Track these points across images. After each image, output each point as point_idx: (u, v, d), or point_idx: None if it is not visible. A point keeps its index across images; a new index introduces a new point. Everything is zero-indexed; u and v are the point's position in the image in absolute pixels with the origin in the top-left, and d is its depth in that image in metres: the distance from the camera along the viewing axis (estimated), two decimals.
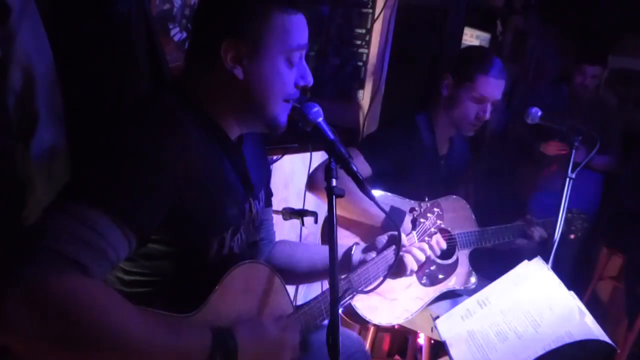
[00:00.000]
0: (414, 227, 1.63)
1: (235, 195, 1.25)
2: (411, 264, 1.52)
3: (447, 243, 2.04)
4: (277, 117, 1.22)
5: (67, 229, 0.92)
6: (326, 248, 1.52)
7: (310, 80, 1.23)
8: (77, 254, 0.91)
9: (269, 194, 1.52)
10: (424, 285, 1.98)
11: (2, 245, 1.16)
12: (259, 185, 1.38)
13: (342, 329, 1.08)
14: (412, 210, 1.64)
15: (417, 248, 1.55)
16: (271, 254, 1.54)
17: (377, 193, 1.98)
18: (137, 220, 1.01)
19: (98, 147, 1.05)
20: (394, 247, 1.52)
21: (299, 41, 1.19)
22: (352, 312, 1.85)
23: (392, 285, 1.82)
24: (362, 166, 1.94)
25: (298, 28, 1.18)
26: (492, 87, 2.01)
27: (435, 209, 1.66)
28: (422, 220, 1.64)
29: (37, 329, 0.85)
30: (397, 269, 1.52)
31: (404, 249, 1.54)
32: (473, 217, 2.17)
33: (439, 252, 1.69)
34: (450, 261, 2.04)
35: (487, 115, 2.06)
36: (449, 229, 2.03)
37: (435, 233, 1.67)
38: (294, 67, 1.20)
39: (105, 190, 0.98)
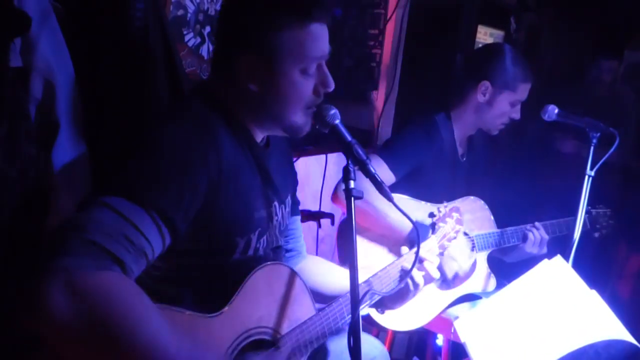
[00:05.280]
0: (433, 232, 1.62)
1: (261, 198, 1.26)
2: (420, 279, 1.46)
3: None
4: (295, 124, 1.22)
5: (110, 225, 0.94)
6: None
7: (331, 86, 1.22)
8: (118, 251, 0.93)
9: (296, 202, 1.52)
10: (442, 288, 1.97)
11: (27, 250, 1.19)
12: (285, 190, 1.39)
13: (364, 335, 1.08)
14: (431, 214, 1.63)
15: (417, 270, 1.46)
16: (302, 269, 1.52)
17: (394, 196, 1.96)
18: (175, 219, 1.03)
19: (135, 145, 1.08)
20: (413, 251, 1.50)
21: (316, 52, 1.17)
22: (369, 320, 1.84)
23: None
24: (387, 175, 1.92)
25: (314, 39, 1.17)
26: (528, 90, 2.08)
27: (455, 214, 1.65)
28: (441, 224, 1.62)
29: (72, 319, 0.86)
30: (400, 297, 1.47)
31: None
32: (492, 217, 2.14)
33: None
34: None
35: (519, 116, 2.11)
36: (467, 230, 2.01)
37: (455, 238, 1.65)
38: (311, 76, 1.19)
39: (146, 189, 1.00)
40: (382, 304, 1.50)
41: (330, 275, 1.51)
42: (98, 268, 0.89)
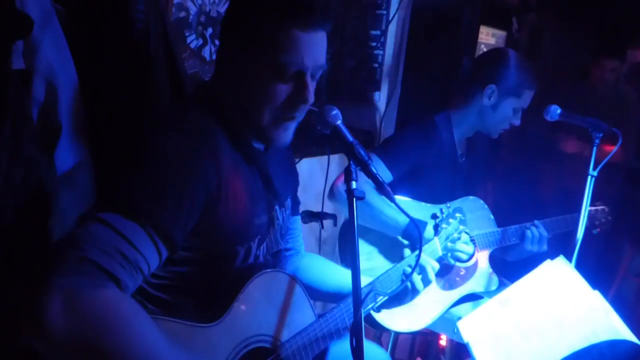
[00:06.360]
0: (436, 233, 1.62)
1: (262, 203, 1.26)
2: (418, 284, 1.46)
3: None
4: (266, 130, 1.19)
5: (106, 241, 0.94)
6: None
7: (306, 99, 1.16)
8: (114, 268, 0.93)
9: (296, 202, 1.52)
10: (444, 289, 1.97)
11: (29, 252, 1.19)
12: (285, 193, 1.39)
13: (366, 341, 1.07)
14: (434, 216, 1.63)
15: (417, 274, 1.46)
16: (300, 267, 1.53)
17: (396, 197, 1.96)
18: (171, 234, 1.03)
19: (131, 158, 1.07)
20: (415, 254, 1.50)
21: (292, 57, 1.12)
22: (371, 321, 1.84)
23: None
24: (384, 174, 1.92)
25: (293, 44, 1.12)
26: (531, 98, 2.08)
27: (458, 214, 1.65)
28: (444, 225, 1.62)
29: (70, 337, 0.87)
30: (397, 300, 1.48)
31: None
32: (491, 217, 2.14)
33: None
34: (469, 264, 2.02)
35: (520, 122, 2.11)
36: (467, 230, 2.01)
37: (459, 239, 1.65)
38: (286, 82, 1.15)
39: (142, 205, 1.00)
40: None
41: (327, 273, 1.51)
42: (94, 286, 0.90)
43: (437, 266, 1.51)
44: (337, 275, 1.48)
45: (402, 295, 1.47)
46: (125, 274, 0.95)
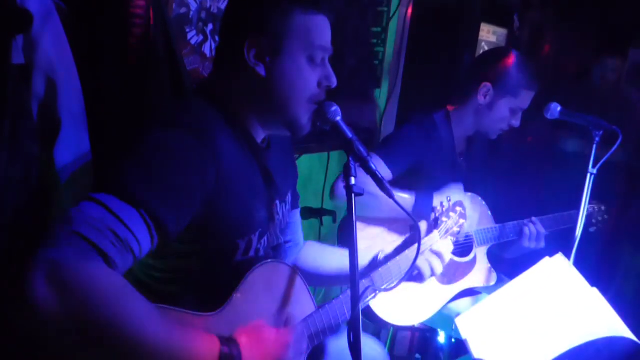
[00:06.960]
0: (435, 226, 1.62)
1: (262, 198, 1.27)
2: (426, 270, 1.48)
3: (464, 241, 2.03)
4: (298, 118, 1.22)
5: (97, 218, 0.94)
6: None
7: (334, 82, 1.23)
8: (103, 243, 0.93)
9: (296, 196, 1.53)
10: (443, 284, 1.97)
11: (29, 250, 1.20)
12: (286, 188, 1.39)
13: (364, 336, 1.07)
14: (434, 209, 1.63)
15: (433, 254, 1.48)
16: (299, 257, 1.54)
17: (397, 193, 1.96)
18: (165, 220, 1.03)
19: (132, 145, 1.08)
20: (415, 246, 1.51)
21: (321, 41, 1.20)
22: (370, 315, 1.84)
23: (410, 285, 1.80)
24: (384, 172, 1.92)
25: (319, 29, 1.20)
26: (530, 99, 2.06)
27: (458, 208, 1.65)
28: (444, 219, 1.62)
29: (57, 310, 0.86)
30: (414, 276, 1.48)
31: (421, 254, 1.49)
32: (489, 213, 2.15)
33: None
34: (468, 259, 2.03)
35: (519, 124, 2.09)
36: (467, 224, 2.01)
37: (459, 232, 1.65)
38: (317, 66, 1.21)
39: (138, 189, 1.00)
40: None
41: (325, 256, 1.52)
42: (81, 259, 0.89)
43: (439, 264, 1.51)
44: (336, 257, 1.49)
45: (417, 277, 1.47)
46: (114, 251, 0.94)
